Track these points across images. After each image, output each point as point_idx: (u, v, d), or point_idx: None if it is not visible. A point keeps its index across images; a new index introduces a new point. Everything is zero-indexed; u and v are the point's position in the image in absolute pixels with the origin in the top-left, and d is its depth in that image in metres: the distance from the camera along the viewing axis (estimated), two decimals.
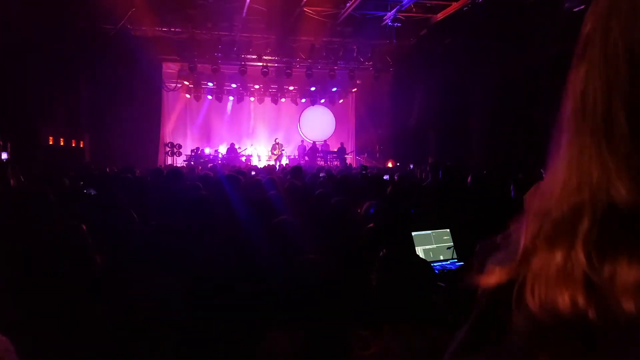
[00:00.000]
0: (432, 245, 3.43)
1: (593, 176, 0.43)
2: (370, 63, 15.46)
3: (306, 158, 18.29)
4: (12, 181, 4.60)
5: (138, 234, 3.21)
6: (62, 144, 11.76)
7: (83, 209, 3.60)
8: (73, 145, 12.28)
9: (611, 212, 0.42)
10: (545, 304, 0.44)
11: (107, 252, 2.67)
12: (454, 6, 11.02)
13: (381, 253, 1.69)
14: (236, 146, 18.16)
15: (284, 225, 2.51)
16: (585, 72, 0.46)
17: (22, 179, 4.27)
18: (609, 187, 0.42)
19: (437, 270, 3.16)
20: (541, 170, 5.91)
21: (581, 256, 0.42)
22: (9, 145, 5.04)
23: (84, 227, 2.83)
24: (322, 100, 20.69)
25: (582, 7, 7.97)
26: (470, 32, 11.28)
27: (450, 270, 3.18)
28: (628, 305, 0.39)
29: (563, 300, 0.42)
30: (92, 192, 4.88)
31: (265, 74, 15.10)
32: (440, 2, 11.39)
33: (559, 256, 0.44)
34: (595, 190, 0.43)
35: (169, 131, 18.40)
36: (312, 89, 19.15)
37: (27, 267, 2.29)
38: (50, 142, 11.21)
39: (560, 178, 0.46)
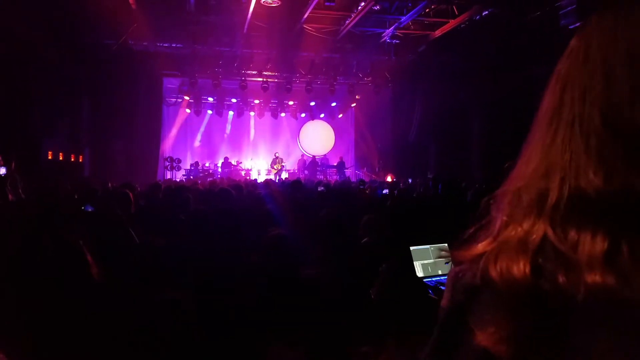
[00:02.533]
0: (431, 260, 3.42)
1: (565, 162, 0.49)
2: (370, 78, 15.58)
3: (306, 172, 18.32)
4: (10, 196, 4.59)
5: (136, 251, 3.20)
6: (61, 158, 11.73)
7: (81, 226, 3.59)
8: (72, 160, 12.25)
9: (577, 193, 0.47)
10: (504, 273, 0.46)
11: (104, 269, 2.65)
12: (452, 23, 11.15)
13: (381, 268, 1.69)
14: (230, 160, 18.21)
15: (282, 239, 2.50)
16: (566, 75, 0.53)
17: (22, 194, 4.25)
18: (578, 173, 0.48)
19: (434, 284, 3.15)
20: None
21: (542, 227, 0.47)
22: (13, 163, 5.01)
23: (82, 243, 2.82)
24: (322, 115, 20.79)
25: (579, 24, 8.06)
26: (468, 48, 11.39)
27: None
28: (591, 277, 0.42)
29: (518, 268, 0.44)
30: (89, 209, 4.80)
31: (265, 89, 15.20)
32: (438, 20, 11.52)
33: (524, 227, 0.48)
34: (565, 174, 0.49)
35: (169, 146, 18.44)
36: (312, 103, 19.26)
37: (24, 280, 2.28)
38: (50, 157, 11.19)
39: (532, 165, 0.53)
